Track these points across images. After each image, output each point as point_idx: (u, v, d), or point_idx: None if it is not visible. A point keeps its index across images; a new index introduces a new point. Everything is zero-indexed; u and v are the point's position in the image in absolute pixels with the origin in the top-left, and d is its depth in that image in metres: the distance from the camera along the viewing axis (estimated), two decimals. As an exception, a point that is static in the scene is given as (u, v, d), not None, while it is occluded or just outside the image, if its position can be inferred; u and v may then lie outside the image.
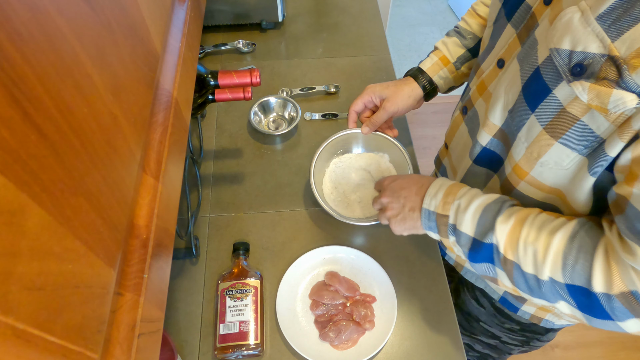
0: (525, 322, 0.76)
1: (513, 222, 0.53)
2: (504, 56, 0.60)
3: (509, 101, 0.56)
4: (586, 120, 0.46)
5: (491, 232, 0.54)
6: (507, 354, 0.93)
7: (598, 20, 0.41)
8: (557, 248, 0.49)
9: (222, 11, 1.19)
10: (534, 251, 0.50)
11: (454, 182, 0.62)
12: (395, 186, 0.66)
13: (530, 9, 0.54)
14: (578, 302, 0.49)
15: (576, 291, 0.48)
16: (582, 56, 0.43)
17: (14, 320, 0.17)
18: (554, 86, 0.47)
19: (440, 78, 0.82)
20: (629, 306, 0.45)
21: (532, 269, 0.51)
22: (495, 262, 0.54)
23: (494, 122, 0.60)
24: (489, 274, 0.56)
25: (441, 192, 0.60)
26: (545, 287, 0.50)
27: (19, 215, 0.18)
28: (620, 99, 0.41)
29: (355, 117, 0.86)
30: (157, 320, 0.36)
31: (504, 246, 0.53)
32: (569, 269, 0.48)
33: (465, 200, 0.57)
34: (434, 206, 0.60)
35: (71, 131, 0.23)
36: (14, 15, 0.19)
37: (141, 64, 0.35)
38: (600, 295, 0.46)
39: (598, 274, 0.46)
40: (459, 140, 0.74)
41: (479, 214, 0.55)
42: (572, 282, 0.48)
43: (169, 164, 0.40)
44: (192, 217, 0.83)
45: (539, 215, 0.54)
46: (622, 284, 0.45)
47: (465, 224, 0.56)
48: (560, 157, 0.50)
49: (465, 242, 0.56)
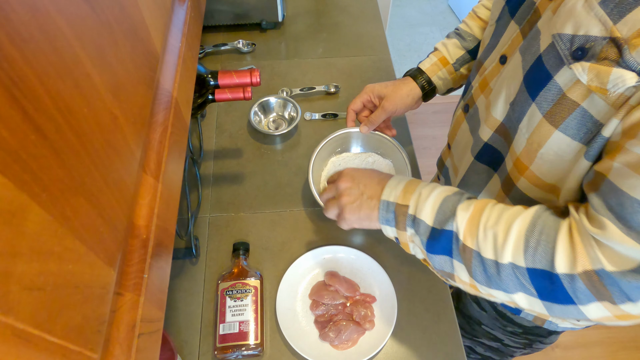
0: (528, 325, 0.76)
1: (473, 209, 0.53)
2: (506, 52, 0.60)
3: (511, 93, 0.56)
4: (586, 106, 0.46)
5: (452, 218, 0.53)
6: (509, 357, 0.92)
7: (601, 5, 0.42)
8: (519, 230, 0.49)
9: (222, 11, 1.19)
10: (494, 234, 0.50)
11: (413, 178, 0.62)
12: (356, 174, 0.66)
13: (534, 4, 0.55)
14: (539, 289, 0.48)
15: (538, 275, 0.47)
16: (584, 39, 0.43)
17: (14, 320, 0.17)
18: (555, 72, 0.48)
19: (439, 79, 0.82)
20: (592, 287, 0.44)
21: (492, 254, 0.50)
22: (453, 254, 0.53)
23: (496, 116, 0.60)
24: (446, 268, 0.55)
25: (402, 184, 0.60)
26: (505, 273, 0.49)
27: (19, 215, 0.18)
28: (620, 77, 0.41)
29: (354, 116, 0.86)
30: (157, 320, 0.36)
31: (464, 233, 0.52)
32: (530, 252, 0.48)
33: (426, 190, 0.57)
34: (393, 197, 0.59)
35: (71, 131, 0.23)
36: (14, 15, 0.19)
37: (141, 64, 0.35)
38: (562, 277, 0.46)
39: (561, 253, 0.46)
40: (460, 138, 0.74)
41: (440, 202, 0.55)
42: (533, 265, 0.47)
43: (169, 164, 0.40)
44: (192, 217, 0.83)
45: (497, 203, 0.54)
46: (586, 262, 0.44)
47: (425, 212, 0.55)
48: (560, 146, 0.50)
49: (424, 230, 0.55)
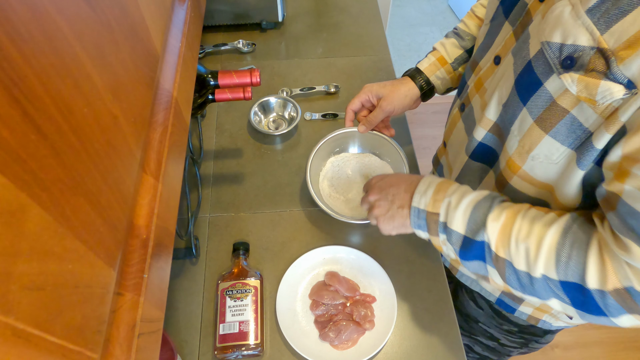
0: (523, 324, 0.76)
1: (504, 219, 0.53)
2: (500, 53, 0.60)
3: (503, 95, 0.56)
4: (575, 113, 0.46)
5: (482, 229, 0.53)
6: (506, 356, 0.93)
7: (588, 14, 0.42)
8: (550, 244, 0.49)
9: (222, 11, 1.19)
10: (526, 248, 0.50)
11: (442, 179, 0.61)
12: (383, 184, 0.65)
13: (526, 5, 0.55)
14: (572, 299, 0.49)
15: (570, 288, 0.48)
16: (572, 49, 0.44)
17: (14, 320, 0.17)
18: (545, 79, 0.48)
19: (437, 78, 0.82)
20: (622, 303, 0.45)
21: (525, 266, 0.50)
22: (486, 260, 0.54)
23: (489, 117, 0.60)
24: (480, 272, 0.56)
25: (431, 190, 0.59)
26: (538, 284, 0.50)
27: (19, 215, 0.18)
28: (608, 90, 0.42)
29: (353, 116, 0.86)
30: (157, 320, 0.36)
31: (496, 243, 0.52)
32: (562, 266, 0.48)
33: (455, 197, 0.56)
34: (423, 204, 0.59)
35: (71, 131, 0.23)
36: (14, 15, 0.19)
37: (141, 64, 0.35)
38: (594, 292, 0.46)
39: (592, 270, 0.46)
40: (456, 137, 0.74)
41: (470, 211, 0.55)
42: (565, 278, 0.48)
43: (169, 164, 0.40)
44: (192, 217, 0.83)
45: (529, 210, 0.53)
46: (616, 280, 0.45)
47: (456, 222, 0.55)
48: (550, 150, 0.51)
49: (456, 239, 0.56)
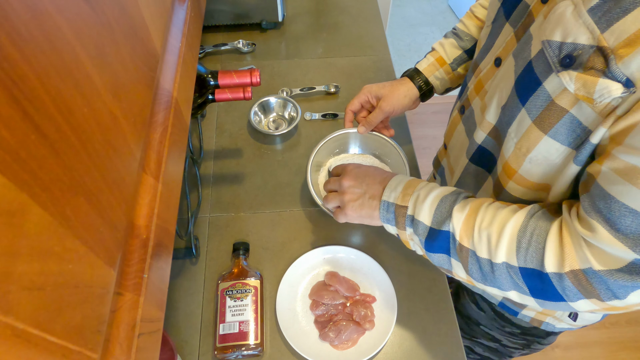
0: (525, 326, 0.76)
1: (468, 210, 0.55)
2: (501, 54, 0.60)
3: (502, 97, 0.56)
4: (574, 112, 0.46)
5: (448, 219, 0.55)
6: (507, 357, 0.93)
7: (589, 13, 0.42)
8: (512, 231, 0.50)
9: (222, 11, 1.19)
10: (488, 235, 0.52)
11: (413, 177, 0.64)
12: (359, 172, 0.67)
13: (528, 7, 0.55)
14: (530, 287, 0.50)
15: (529, 274, 0.49)
16: (572, 47, 0.44)
17: (14, 320, 0.17)
18: (544, 78, 0.48)
19: (436, 79, 0.82)
20: (579, 285, 0.46)
21: (487, 254, 0.52)
22: (451, 252, 0.56)
23: (489, 119, 0.60)
24: (444, 265, 0.58)
25: (401, 186, 0.62)
26: (499, 271, 0.51)
27: (19, 215, 0.18)
28: (606, 88, 0.41)
29: (352, 117, 0.86)
30: (157, 320, 0.36)
31: (460, 233, 0.54)
32: (522, 252, 0.49)
33: (424, 191, 0.59)
34: (393, 198, 0.61)
35: (71, 131, 0.23)
36: (14, 15, 0.19)
37: (141, 63, 0.35)
38: (552, 276, 0.47)
39: (550, 253, 0.47)
40: (456, 140, 0.74)
41: (437, 204, 0.57)
42: (525, 264, 0.49)
43: (169, 164, 0.40)
44: (192, 217, 0.83)
45: (492, 203, 0.55)
46: (574, 262, 0.46)
47: (423, 213, 0.57)
48: (549, 151, 0.51)
49: (423, 230, 0.58)
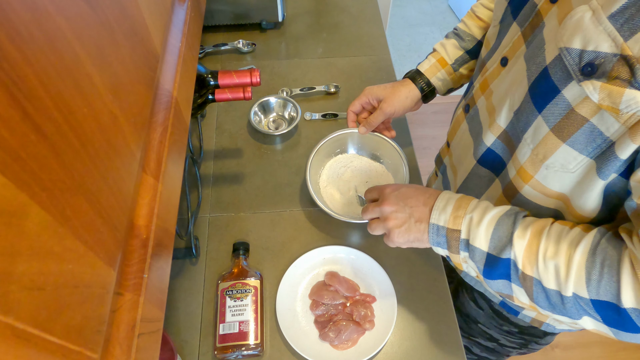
0: (524, 325, 0.76)
1: (530, 236, 0.51)
2: (507, 54, 0.59)
3: (515, 102, 0.55)
4: (595, 122, 0.45)
5: (509, 246, 0.51)
6: (505, 357, 0.92)
7: (610, 19, 0.40)
8: (580, 262, 0.47)
9: (222, 11, 1.19)
10: (555, 266, 0.48)
11: (460, 195, 0.59)
12: (400, 195, 0.62)
13: (536, 7, 0.53)
14: (604, 317, 0.47)
15: (603, 306, 0.46)
16: (594, 55, 0.42)
17: (14, 320, 0.17)
18: (563, 86, 0.46)
19: (438, 80, 0.82)
20: None
21: (555, 285, 0.49)
22: (512, 279, 0.52)
23: (500, 123, 0.59)
24: (504, 291, 0.54)
25: (450, 206, 0.57)
26: (569, 303, 0.48)
27: (19, 215, 0.18)
28: (633, 99, 0.40)
29: (354, 117, 0.86)
30: (157, 320, 0.36)
31: (522, 261, 0.50)
32: (594, 284, 0.46)
33: (477, 213, 0.54)
34: (443, 221, 0.56)
35: (71, 131, 0.23)
36: (14, 15, 0.19)
37: (141, 64, 0.35)
38: (630, 311, 0.45)
39: (627, 289, 0.45)
40: (460, 138, 0.73)
41: (493, 228, 0.53)
42: (597, 297, 0.46)
43: (169, 164, 0.40)
44: (192, 217, 0.83)
45: (553, 225, 0.52)
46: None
47: (479, 239, 0.53)
48: (566, 159, 0.49)
49: (480, 257, 0.54)
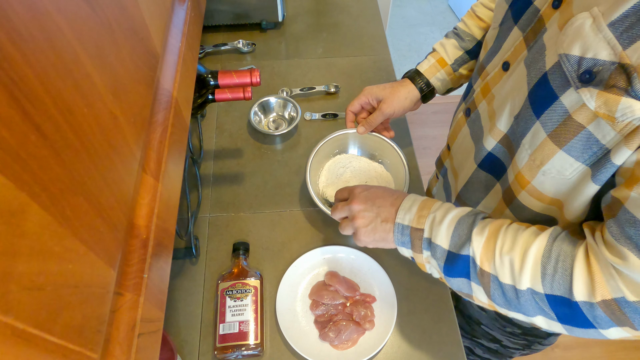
0: (526, 326, 0.76)
1: (487, 233, 0.53)
2: (509, 59, 0.59)
3: (515, 107, 0.55)
4: (592, 129, 0.45)
5: (467, 243, 0.53)
6: (507, 358, 0.92)
7: (610, 27, 0.40)
8: (535, 256, 0.49)
9: (222, 11, 1.19)
10: (510, 260, 0.50)
11: (426, 197, 0.61)
12: (369, 195, 0.63)
13: (538, 12, 0.53)
14: (558, 314, 0.48)
15: (556, 301, 0.47)
16: (592, 63, 0.42)
17: (14, 320, 0.17)
18: (561, 93, 0.46)
19: (437, 80, 0.82)
20: (611, 314, 0.44)
21: (510, 279, 0.50)
22: (471, 276, 0.54)
23: (500, 127, 0.59)
24: (464, 289, 0.56)
25: (415, 207, 0.59)
26: (524, 298, 0.49)
27: (19, 215, 0.18)
28: (629, 107, 0.40)
29: (353, 117, 0.86)
30: (157, 320, 0.36)
31: (480, 257, 0.52)
32: (548, 279, 0.47)
33: (440, 213, 0.57)
34: (408, 220, 0.58)
35: (71, 131, 0.23)
36: (14, 15, 0.19)
37: (141, 63, 0.35)
38: (581, 304, 0.45)
39: (579, 282, 0.45)
40: (461, 142, 0.73)
41: (454, 226, 0.55)
42: (552, 292, 0.47)
43: (169, 164, 0.40)
44: (192, 217, 0.83)
45: (512, 224, 0.54)
46: (605, 291, 0.44)
47: (440, 237, 0.55)
48: (563, 166, 0.49)
49: (441, 255, 0.55)
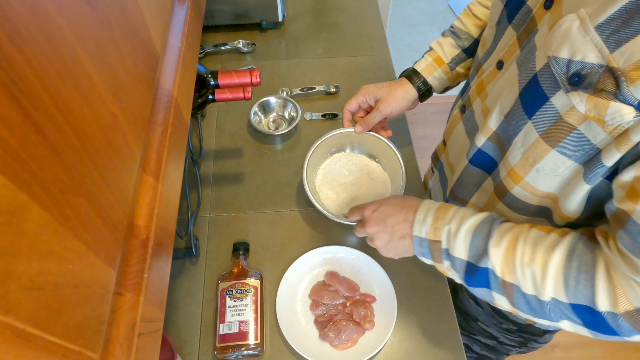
0: (522, 323, 0.76)
1: (506, 244, 0.53)
2: (503, 58, 0.59)
3: (505, 106, 0.56)
4: (583, 130, 0.45)
5: (485, 256, 0.53)
6: (504, 355, 0.93)
7: (597, 30, 0.40)
8: (557, 268, 0.49)
9: (222, 11, 1.19)
10: (532, 273, 0.50)
11: (439, 204, 0.61)
12: (380, 215, 0.63)
13: (531, 12, 0.53)
14: (583, 320, 0.48)
15: (580, 310, 0.48)
16: (580, 66, 0.42)
17: (14, 320, 0.17)
18: (552, 94, 0.47)
19: (434, 79, 0.82)
20: (635, 324, 0.45)
21: (533, 290, 0.50)
22: (492, 287, 0.54)
23: (490, 125, 0.60)
24: (486, 297, 0.56)
25: (430, 217, 0.59)
26: (548, 307, 0.50)
27: (19, 215, 0.18)
28: (618, 112, 0.40)
29: (350, 117, 0.86)
30: (157, 320, 0.36)
31: (501, 269, 0.52)
32: (571, 289, 0.48)
33: (454, 224, 0.57)
34: (424, 233, 0.59)
35: (71, 131, 0.23)
36: (14, 15, 0.19)
37: (141, 63, 0.35)
38: (605, 314, 0.46)
39: (601, 293, 0.46)
40: (456, 138, 0.74)
41: (470, 237, 0.55)
42: (576, 301, 0.48)
43: (169, 164, 0.40)
44: (192, 217, 0.83)
45: (530, 231, 0.53)
46: (627, 302, 0.44)
47: (457, 249, 0.55)
48: (556, 164, 0.50)
49: (460, 266, 0.56)
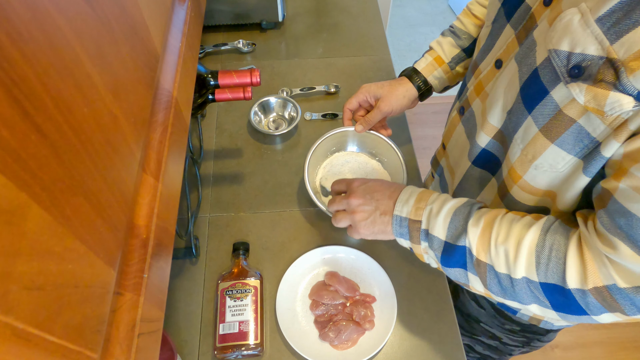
0: (525, 323, 0.76)
1: (483, 224, 0.54)
2: (502, 57, 0.59)
3: (508, 102, 0.56)
4: (582, 123, 0.46)
5: (463, 234, 0.54)
6: (507, 355, 0.93)
7: (598, 23, 0.41)
8: (530, 246, 0.50)
9: (222, 11, 1.19)
10: (505, 250, 0.51)
11: (423, 189, 0.62)
12: (366, 188, 0.64)
13: (530, 9, 0.54)
14: (552, 301, 0.49)
15: (550, 289, 0.49)
16: (581, 58, 0.43)
17: (14, 320, 0.17)
18: (552, 87, 0.47)
19: (434, 78, 0.82)
20: (603, 301, 0.46)
21: (505, 269, 0.51)
22: (467, 267, 0.55)
23: (493, 123, 0.60)
24: (461, 279, 0.57)
25: (412, 199, 0.60)
26: (519, 286, 0.51)
27: (19, 215, 0.18)
28: (617, 102, 0.41)
29: (350, 115, 0.86)
30: (157, 320, 0.36)
31: (477, 248, 0.53)
32: (542, 267, 0.49)
33: (436, 205, 0.58)
34: (405, 212, 0.59)
35: (71, 131, 0.23)
36: (14, 15, 0.19)
37: (141, 63, 0.35)
38: (574, 291, 0.47)
39: (572, 269, 0.47)
40: (456, 141, 0.74)
41: (450, 217, 0.56)
42: (546, 280, 0.49)
43: (169, 164, 0.40)
44: (192, 217, 0.83)
45: (506, 215, 0.55)
46: (597, 279, 0.45)
47: (437, 228, 0.56)
48: (555, 159, 0.50)
49: (438, 245, 0.57)
